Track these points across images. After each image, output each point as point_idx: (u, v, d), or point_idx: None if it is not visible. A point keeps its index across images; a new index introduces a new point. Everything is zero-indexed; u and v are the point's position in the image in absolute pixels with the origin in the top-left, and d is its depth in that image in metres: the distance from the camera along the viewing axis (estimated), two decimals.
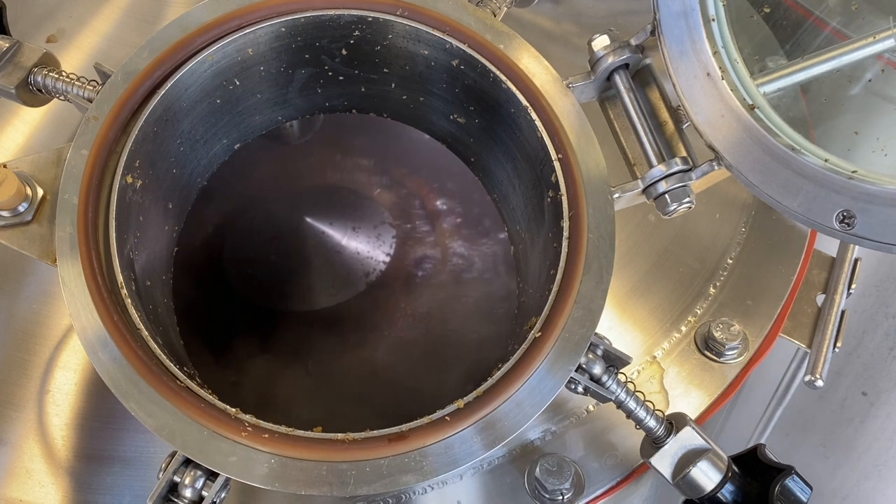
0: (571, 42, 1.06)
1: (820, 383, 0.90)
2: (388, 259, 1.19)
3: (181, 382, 0.60)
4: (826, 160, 0.60)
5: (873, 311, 1.51)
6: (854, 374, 1.63)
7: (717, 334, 0.86)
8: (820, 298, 0.99)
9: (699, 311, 0.90)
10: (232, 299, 1.13)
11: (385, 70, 0.79)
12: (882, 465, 1.70)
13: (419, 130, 0.90)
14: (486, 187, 0.87)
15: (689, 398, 0.85)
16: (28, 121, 0.91)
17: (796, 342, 0.95)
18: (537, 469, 0.76)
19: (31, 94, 0.75)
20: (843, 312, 0.96)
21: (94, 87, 0.72)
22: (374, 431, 0.61)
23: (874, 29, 0.70)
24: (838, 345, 0.94)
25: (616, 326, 0.87)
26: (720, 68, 0.65)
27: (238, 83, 0.75)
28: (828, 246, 1.03)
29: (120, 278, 0.63)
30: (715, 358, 0.86)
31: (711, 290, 0.91)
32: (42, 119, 0.91)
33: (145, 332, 0.62)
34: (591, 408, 0.83)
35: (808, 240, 0.97)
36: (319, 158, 1.22)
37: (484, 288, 1.16)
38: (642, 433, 0.81)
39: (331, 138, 1.21)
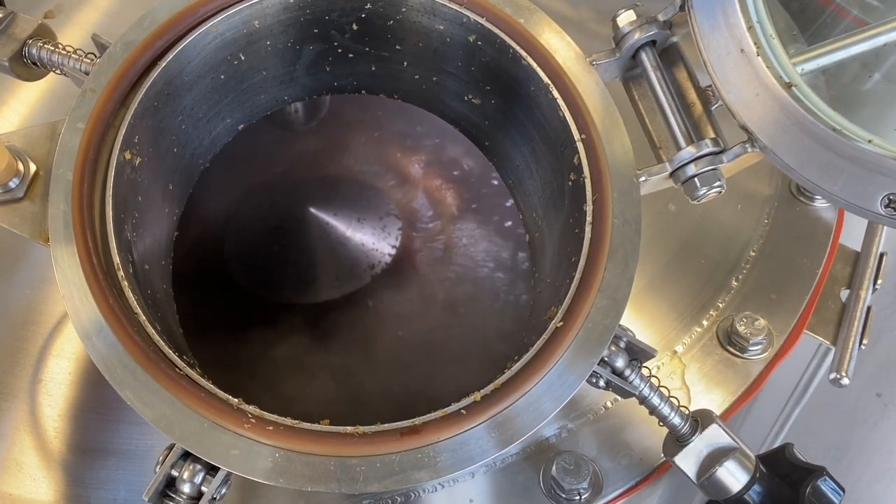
0: (589, 28, 1.03)
1: (846, 381, 0.87)
2: (393, 251, 1.16)
3: (180, 370, 0.57)
4: (870, 140, 0.56)
5: (891, 309, 1.48)
6: (868, 375, 1.59)
7: (740, 328, 0.82)
8: (844, 294, 0.95)
9: (721, 305, 0.86)
10: (233, 290, 1.10)
11: (397, 47, 0.75)
12: (895, 467, 1.67)
13: (431, 113, 0.86)
14: (501, 173, 0.84)
15: (710, 395, 0.81)
16: (23, 99, 0.87)
17: (820, 339, 0.91)
18: (553, 467, 0.73)
19: (26, 67, 0.71)
20: (868, 308, 0.93)
21: (92, 60, 0.68)
22: (386, 425, 0.57)
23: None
24: (864, 342, 0.90)
25: (635, 320, 0.83)
26: (755, 44, 0.61)
27: (243, 58, 0.71)
28: (851, 240, 0.99)
29: (117, 259, 0.59)
30: (738, 353, 0.83)
31: (734, 282, 0.88)
32: (39, 97, 0.87)
33: (143, 317, 0.58)
34: (608, 404, 0.79)
35: (833, 232, 0.94)
36: (324, 147, 1.19)
37: (494, 280, 1.13)
38: (658, 432, 0.78)
39: (336, 126, 1.18)
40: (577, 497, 0.72)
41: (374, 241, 1.15)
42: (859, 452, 1.69)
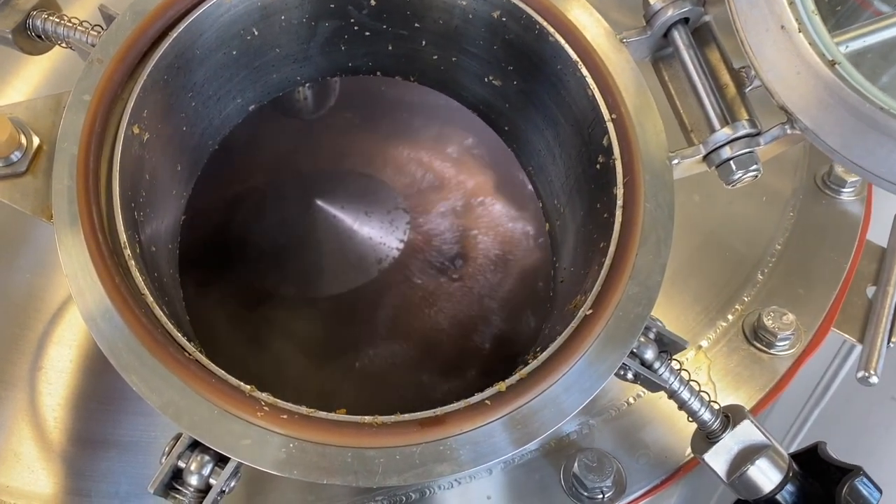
0: (609, 17, 1.00)
1: (875, 379, 0.84)
2: (401, 245, 1.13)
3: (190, 355, 0.54)
4: None
5: None
6: (883, 377, 1.56)
7: (768, 323, 0.79)
8: (870, 291, 0.93)
9: (747, 299, 0.83)
10: (236, 282, 1.07)
11: (416, 24, 0.72)
12: None
13: (446, 100, 0.83)
14: (521, 159, 0.81)
15: (737, 392, 0.78)
16: (26, 77, 0.84)
17: (846, 336, 0.88)
18: (575, 464, 0.70)
19: (30, 40, 0.68)
20: None
21: (99, 32, 0.65)
22: (406, 415, 0.54)
23: None
24: (893, 339, 0.87)
25: (658, 313, 0.80)
26: (796, 20, 0.58)
27: (256, 33, 0.68)
28: (875, 236, 0.96)
29: (123, 238, 0.56)
30: (765, 349, 0.80)
31: (759, 276, 0.85)
32: (42, 75, 0.85)
33: (150, 298, 0.55)
34: (631, 400, 0.76)
35: (860, 226, 0.91)
36: (332, 138, 1.16)
37: (508, 274, 1.10)
38: (680, 430, 0.75)
39: (345, 117, 1.15)
40: (600, 496, 0.69)
41: (381, 234, 1.12)
42: (869, 457, 1.65)
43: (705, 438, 0.65)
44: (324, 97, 1.12)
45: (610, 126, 0.62)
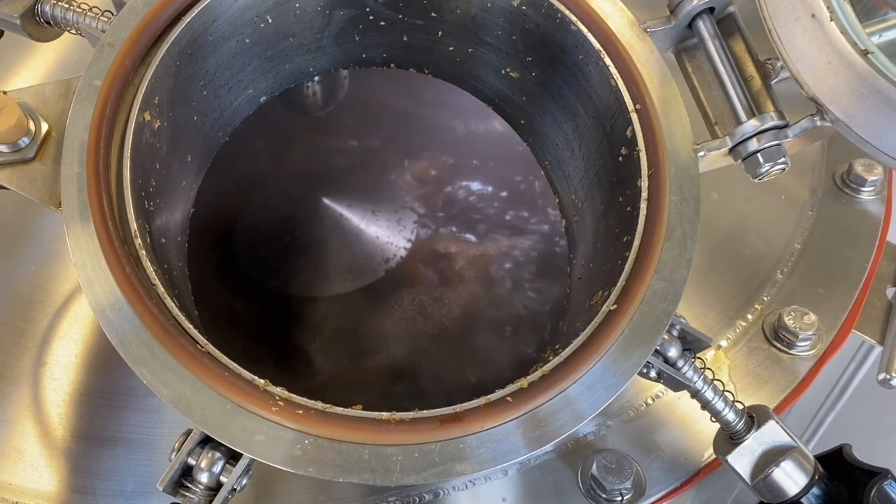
0: None
1: None
2: (409, 245, 1.11)
3: (202, 347, 0.52)
4: None
5: None
6: None
7: (789, 322, 0.77)
8: (890, 292, 0.91)
9: (766, 299, 0.82)
10: (241, 281, 1.06)
11: (433, 14, 0.71)
12: None
13: (458, 95, 0.81)
14: (537, 154, 0.79)
15: (757, 393, 0.76)
16: (33, 67, 0.83)
17: (866, 337, 0.87)
18: (594, 466, 0.68)
19: (38, 26, 0.66)
20: None
21: (109, 18, 0.63)
22: (424, 412, 0.52)
23: None
24: None
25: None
26: (828, 9, 0.57)
27: (270, 21, 0.67)
28: (892, 236, 0.95)
29: (134, 226, 0.54)
30: (785, 349, 0.78)
31: (779, 276, 0.83)
32: (49, 67, 0.83)
33: (161, 289, 0.53)
34: (649, 401, 0.74)
35: (881, 225, 0.89)
36: (340, 136, 1.15)
37: (513, 276, 1.08)
38: (697, 433, 0.74)
39: (353, 113, 1.13)
40: (619, 498, 0.67)
41: (388, 234, 1.11)
42: (890, 460, 1.63)
43: (728, 439, 0.64)
44: (332, 93, 1.11)
45: (634, 117, 0.60)
